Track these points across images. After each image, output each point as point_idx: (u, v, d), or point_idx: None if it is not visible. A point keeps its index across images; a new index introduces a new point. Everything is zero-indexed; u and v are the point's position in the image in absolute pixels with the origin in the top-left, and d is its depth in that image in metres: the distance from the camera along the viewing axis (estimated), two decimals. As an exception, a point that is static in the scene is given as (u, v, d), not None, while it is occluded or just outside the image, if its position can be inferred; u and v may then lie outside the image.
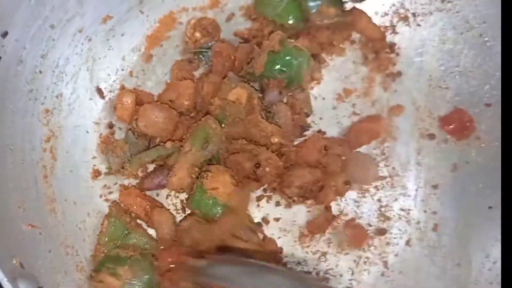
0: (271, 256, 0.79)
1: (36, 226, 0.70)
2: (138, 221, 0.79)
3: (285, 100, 0.81)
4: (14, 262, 0.63)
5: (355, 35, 0.85)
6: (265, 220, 0.82)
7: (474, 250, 0.77)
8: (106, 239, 0.76)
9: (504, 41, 0.76)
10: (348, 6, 0.84)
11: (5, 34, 0.69)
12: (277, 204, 0.82)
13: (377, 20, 0.86)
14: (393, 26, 0.85)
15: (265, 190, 0.81)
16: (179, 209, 0.81)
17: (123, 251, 0.74)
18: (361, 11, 0.83)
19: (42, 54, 0.76)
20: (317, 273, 0.80)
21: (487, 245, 0.77)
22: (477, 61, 0.81)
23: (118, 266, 0.73)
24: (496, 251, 0.76)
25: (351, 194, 0.82)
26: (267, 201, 0.82)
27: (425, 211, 0.81)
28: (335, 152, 0.80)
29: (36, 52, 0.75)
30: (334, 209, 0.82)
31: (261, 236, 0.80)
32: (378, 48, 0.84)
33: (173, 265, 0.74)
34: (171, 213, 0.80)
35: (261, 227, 0.81)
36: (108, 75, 0.84)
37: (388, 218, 0.81)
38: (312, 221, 0.81)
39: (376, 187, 0.82)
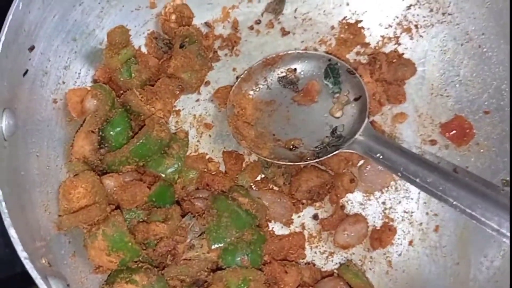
0: (296, 249, 0.82)
1: (61, 229, 0.73)
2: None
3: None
4: (43, 261, 0.67)
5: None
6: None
7: (472, 250, 0.81)
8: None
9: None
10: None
11: (32, 48, 0.73)
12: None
13: (381, 32, 0.90)
14: (396, 37, 0.90)
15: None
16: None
17: (133, 263, 0.74)
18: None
19: (65, 65, 0.80)
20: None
21: (485, 246, 0.80)
22: (476, 70, 0.85)
23: (133, 274, 0.72)
24: (493, 251, 0.79)
25: (358, 197, 0.86)
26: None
27: (427, 213, 0.85)
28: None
29: (60, 64, 0.79)
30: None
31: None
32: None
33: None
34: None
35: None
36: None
37: (392, 220, 0.85)
38: (326, 219, 0.85)
39: (381, 190, 0.86)
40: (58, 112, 0.79)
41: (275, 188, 0.85)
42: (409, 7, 0.89)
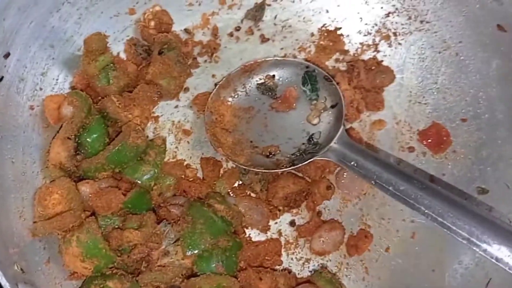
0: (273, 256, 0.83)
1: (36, 235, 0.74)
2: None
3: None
4: (16, 268, 0.68)
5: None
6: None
7: (447, 257, 0.81)
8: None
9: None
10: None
11: (7, 55, 0.74)
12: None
13: (360, 39, 0.90)
14: (375, 45, 0.90)
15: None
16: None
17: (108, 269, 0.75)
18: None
19: (42, 72, 0.81)
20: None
21: (460, 253, 0.80)
22: (454, 78, 0.85)
23: (108, 280, 0.73)
24: (467, 258, 0.80)
25: (335, 204, 0.86)
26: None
27: (403, 220, 0.85)
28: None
29: (37, 70, 0.80)
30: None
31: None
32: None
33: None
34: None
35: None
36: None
37: (369, 227, 0.86)
38: (303, 225, 0.85)
39: (358, 197, 0.87)
40: (35, 118, 0.80)
41: (252, 194, 0.86)
42: (387, 15, 0.89)
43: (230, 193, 0.86)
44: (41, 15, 0.78)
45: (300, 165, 0.80)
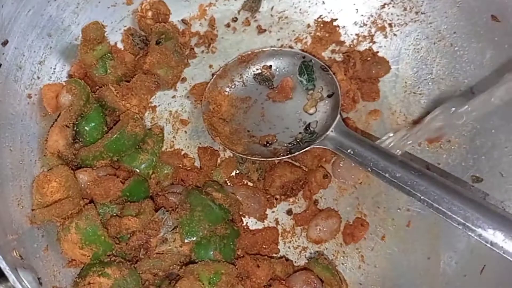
0: (270, 244, 0.83)
1: (35, 222, 0.74)
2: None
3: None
4: (14, 254, 0.68)
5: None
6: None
7: (442, 245, 0.82)
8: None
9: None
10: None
11: (5, 43, 0.74)
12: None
13: (355, 30, 0.91)
14: (371, 36, 0.91)
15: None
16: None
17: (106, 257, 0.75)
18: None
19: (40, 60, 0.81)
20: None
21: (455, 241, 0.81)
22: (449, 69, 0.86)
23: (106, 267, 0.73)
24: (462, 246, 0.81)
25: (331, 193, 0.87)
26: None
27: (399, 209, 0.86)
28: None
29: (34, 59, 0.80)
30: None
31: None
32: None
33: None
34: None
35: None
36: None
37: (365, 215, 0.86)
38: (300, 214, 0.85)
39: (354, 186, 0.88)
40: (33, 107, 0.79)
41: (249, 183, 0.86)
42: (383, 6, 0.90)
43: (228, 182, 0.86)
44: (39, 3, 0.78)
45: (297, 153, 0.81)
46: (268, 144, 0.84)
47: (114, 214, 0.77)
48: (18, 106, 0.77)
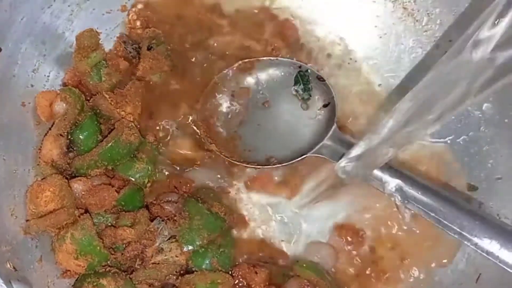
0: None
1: (29, 233, 0.73)
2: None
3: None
4: (8, 266, 0.67)
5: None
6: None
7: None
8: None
9: None
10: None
11: (-1, 51, 0.73)
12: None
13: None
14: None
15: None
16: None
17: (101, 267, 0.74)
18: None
19: (34, 68, 0.80)
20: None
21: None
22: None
23: (101, 278, 0.72)
24: (458, 255, 0.81)
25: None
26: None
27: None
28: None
29: (28, 67, 0.79)
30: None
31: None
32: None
33: None
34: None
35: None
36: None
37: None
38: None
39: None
40: (26, 115, 0.79)
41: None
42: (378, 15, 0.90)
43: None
44: (33, 11, 0.77)
45: (294, 161, 0.81)
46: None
47: (109, 224, 0.76)
48: (11, 115, 0.76)
